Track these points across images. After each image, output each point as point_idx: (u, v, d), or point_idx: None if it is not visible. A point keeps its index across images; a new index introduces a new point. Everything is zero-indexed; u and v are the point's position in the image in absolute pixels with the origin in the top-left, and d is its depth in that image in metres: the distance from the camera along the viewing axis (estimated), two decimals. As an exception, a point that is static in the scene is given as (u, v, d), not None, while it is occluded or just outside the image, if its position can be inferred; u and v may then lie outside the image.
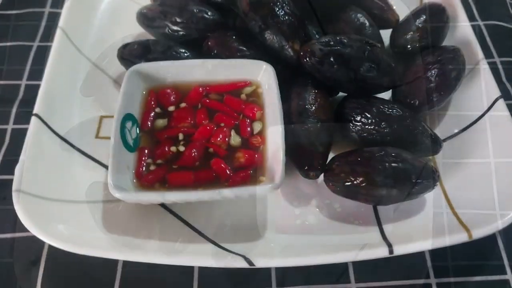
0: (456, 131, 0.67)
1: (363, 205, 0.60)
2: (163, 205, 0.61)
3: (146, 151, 0.61)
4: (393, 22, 0.74)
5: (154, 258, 0.54)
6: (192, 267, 0.59)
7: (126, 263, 0.59)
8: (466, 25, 0.74)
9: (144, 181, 0.58)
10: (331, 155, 0.61)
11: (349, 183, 0.56)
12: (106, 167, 0.64)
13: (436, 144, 0.62)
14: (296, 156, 0.60)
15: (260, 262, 0.53)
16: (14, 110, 0.75)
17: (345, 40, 0.61)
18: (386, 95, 0.68)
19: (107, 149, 0.58)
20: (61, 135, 0.66)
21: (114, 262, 0.59)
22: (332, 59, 0.60)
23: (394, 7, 0.76)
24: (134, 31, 0.79)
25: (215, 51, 0.68)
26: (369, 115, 0.61)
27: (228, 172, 0.59)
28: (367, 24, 0.70)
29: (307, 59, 0.61)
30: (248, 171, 0.59)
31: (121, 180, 0.55)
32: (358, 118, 0.61)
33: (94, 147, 0.66)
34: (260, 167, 0.59)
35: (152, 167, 0.60)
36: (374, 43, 0.64)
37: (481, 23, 0.86)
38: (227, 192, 0.54)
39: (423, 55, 0.67)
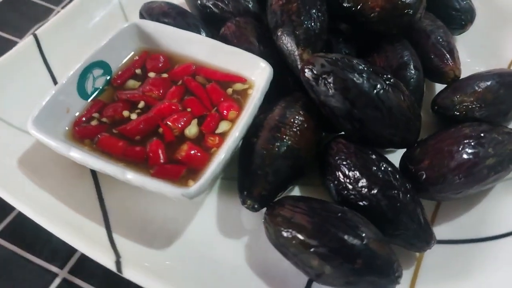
0: (464, 238, 0.49)
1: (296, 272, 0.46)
2: (93, 176, 0.54)
3: (99, 104, 0.55)
4: (449, 78, 0.58)
5: (39, 218, 0.47)
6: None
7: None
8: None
9: (76, 132, 0.52)
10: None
11: (281, 233, 0.43)
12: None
13: (424, 239, 0.45)
14: (242, 176, 0.49)
15: (129, 273, 0.43)
16: None
17: (359, 66, 0.48)
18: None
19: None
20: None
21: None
22: (330, 80, 0.48)
23: (461, 65, 0.59)
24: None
25: (226, 36, 0.60)
26: (353, 169, 0.47)
27: (161, 160, 0.50)
28: (411, 65, 0.56)
29: (305, 71, 0.50)
30: (183, 168, 0.49)
31: (48, 119, 0.50)
32: (339, 166, 0.48)
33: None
34: (198, 170, 0.49)
35: (93, 122, 0.53)
36: (397, 84, 0.49)
37: None
38: (131, 177, 0.45)
39: (465, 124, 0.51)
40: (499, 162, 0.47)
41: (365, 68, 0.49)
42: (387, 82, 0.49)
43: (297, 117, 0.50)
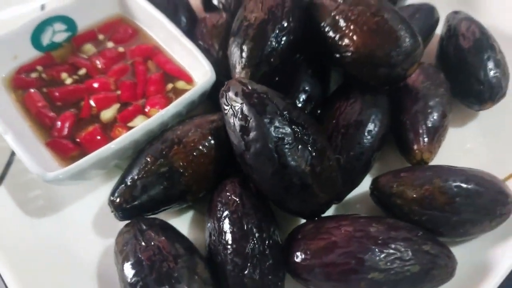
0: None
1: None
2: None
3: (48, 60, 0.55)
4: (414, 160, 0.47)
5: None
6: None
7: None
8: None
9: (14, 79, 0.53)
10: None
11: (117, 256, 0.40)
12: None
13: None
14: (119, 179, 0.45)
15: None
16: None
17: (275, 109, 0.40)
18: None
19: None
20: None
21: None
22: (237, 114, 0.41)
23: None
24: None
25: (200, 27, 0.55)
26: (224, 218, 0.41)
27: (64, 133, 0.49)
28: (367, 129, 0.45)
29: (222, 93, 0.43)
30: (76, 149, 0.48)
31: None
32: (216, 207, 0.42)
33: None
34: (82, 155, 0.47)
35: (34, 75, 0.54)
36: (314, 143, 0.40)
37: None
38: (9, 138, 0.45)
39: (383, 221, 0.41)
40: (387, 281, 0.37)
41: (279, 114, 0.40)
42: (299, 137, 0.40)
43: (199, 139, 0.45)
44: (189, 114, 0.50)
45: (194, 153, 0.44)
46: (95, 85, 0.52)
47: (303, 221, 0.44)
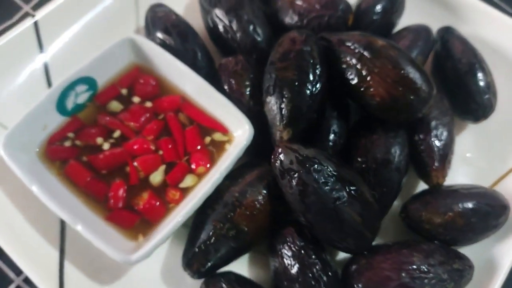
0: None
1: None
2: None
3: (76, 123, 0.55)
4: (431, 183, 0.55)
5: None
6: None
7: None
8: None
9: (49, 151, 0.53)
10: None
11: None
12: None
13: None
14: (188, 244, 0.50)
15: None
16: None
17: (327, 173, 0.46)
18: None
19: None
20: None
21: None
22: (294, 180, 0.47)
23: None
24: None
25: (221, 75, 0.58)
26: (290, 266, 0.48)
27: (119, 205, 0.51)
28: (394, 166, 0.53)
29: (274, 159, 0.48)
30: (137, 218, 0.51)
31: (22, 136, 0.51)
32: (281, 255, 0.49)
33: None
34: (151, 223, 0.51)
35: (67, 143, 0.54)
36: (360, 197, 0.48)
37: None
38: (81, 229, 0.47)
39: (417, 247, 0.50)
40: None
41: (332, 176, 0.47)
42: (351, 193, 0.47)
43: (257, 198, 0.50)
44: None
45: (254, 212, 0.50)
46: (135, 147, 0.54)
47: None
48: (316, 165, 0.47)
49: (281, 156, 0.48)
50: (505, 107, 0.61)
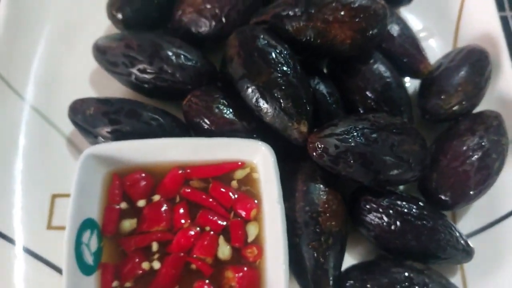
0: (484, 224, 0.56)
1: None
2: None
3: (110, 269, 0.48)
4: (423, 74, 0.58)
5: None
6: None
7: None
8: (510, 79, 0.58)
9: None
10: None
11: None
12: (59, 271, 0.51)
13: (467, 255, 0.51)
14: (302, 278, 0.48)
15: None
16: None
17: (368, 132, 0.47)
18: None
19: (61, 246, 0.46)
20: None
21: None
22: (351, 160, 0.46)
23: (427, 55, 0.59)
24: (88, 64, 0.61)
25: (196, 120, 0.53)
26: (389, 220, 0.49)
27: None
28: (393, 85, 0.54)
29: (318, 155, 0.47)
30: (241, 299, 0.47)
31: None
32: (375, 222, 0.49)
33: (47, 243, 0.53)
34: (258, 293, 0.48)
35: (117, 290, 0.47)
36: (404, 127, 0.49)
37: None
38: None
39: (459, 128, 0.54)
40: (501, 162, 0.52)
41: (375, 130, 0.47)
42: (397, 132, 0.48)
43: (325, 197, 0.49)
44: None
45: (333, 208, 0.49)
46: (183, 244, 0.48)
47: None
48: (356, 132, 0.46)
49: (322, 147, 0.46)
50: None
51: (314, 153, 0.47)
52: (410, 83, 0.63)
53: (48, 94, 0.60)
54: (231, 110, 0.52)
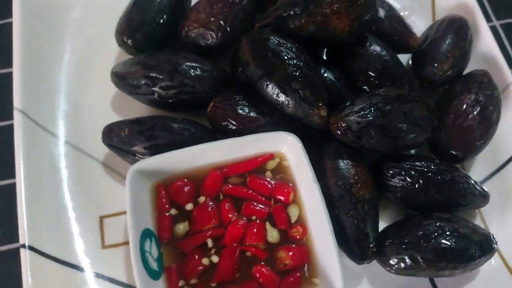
0: (492, 171, 0.62)
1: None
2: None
3: (174, 271, 0.52)
4: (414, 48, 0.65)
5: None
6: None
7: None
8: (489, 39, 0.65)
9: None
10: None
11: (407, 269, 0.52)
12: (125, 285, 0.55)
13: (484, 198, 0.57)
14: (346, 245, 0.54)
15: None
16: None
17: (382, 105, 0.52)
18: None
19: (120, 262, 0.53)
20: (59, 258, 0.54)
21: None
22: (372, 132, 0.52)
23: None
24: (106, 91, 0.65)
25: (223, 123, 0.57)
26: (412, 180, 0.54)
27: (276, 280, 0.52)
28: (391, 62, 0.60)
29: (342, 133, 0.52)
30: (297, 273, 0.52)
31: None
32: (400, 184, 0.55)
33: (104, 262, 0.56)
34: (310, 265, 0.53)
35: (186, 289, 0.51)
36: (410, 96, 0.55)
37: (496, 23, 0.77)
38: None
39: (455, 90, 0.60)
40: (498, 112, 0.58)
41: (390, 101, 0.53)
42: (404, 102, 0.54)
43: (351, 171, 0.54)
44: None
45: (362, 179, 0.54)
46: (235, 235, 0.53)
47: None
48: (372, 107, 0.52)
49: (345, 126, 0.52)
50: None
51: (339, 131, 0.52)
52: (402, 58, 0.69)
53: (75, 126, 0.63)
54: (253, 109, 0.57)
